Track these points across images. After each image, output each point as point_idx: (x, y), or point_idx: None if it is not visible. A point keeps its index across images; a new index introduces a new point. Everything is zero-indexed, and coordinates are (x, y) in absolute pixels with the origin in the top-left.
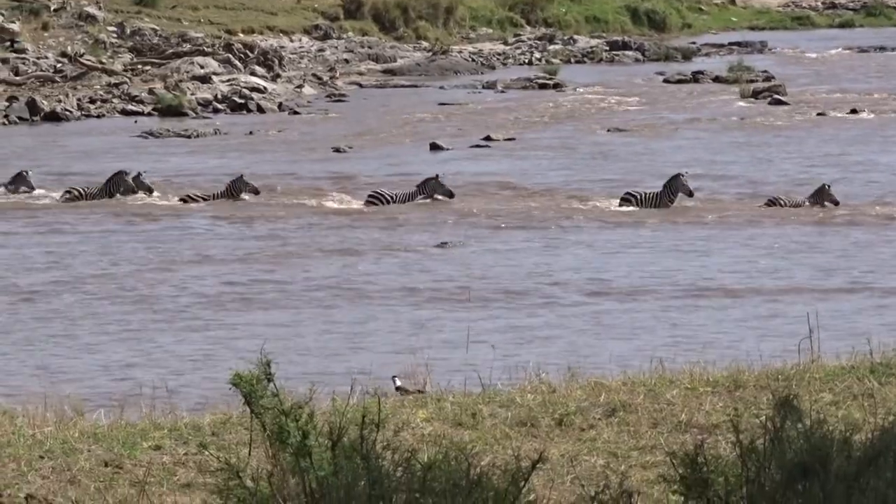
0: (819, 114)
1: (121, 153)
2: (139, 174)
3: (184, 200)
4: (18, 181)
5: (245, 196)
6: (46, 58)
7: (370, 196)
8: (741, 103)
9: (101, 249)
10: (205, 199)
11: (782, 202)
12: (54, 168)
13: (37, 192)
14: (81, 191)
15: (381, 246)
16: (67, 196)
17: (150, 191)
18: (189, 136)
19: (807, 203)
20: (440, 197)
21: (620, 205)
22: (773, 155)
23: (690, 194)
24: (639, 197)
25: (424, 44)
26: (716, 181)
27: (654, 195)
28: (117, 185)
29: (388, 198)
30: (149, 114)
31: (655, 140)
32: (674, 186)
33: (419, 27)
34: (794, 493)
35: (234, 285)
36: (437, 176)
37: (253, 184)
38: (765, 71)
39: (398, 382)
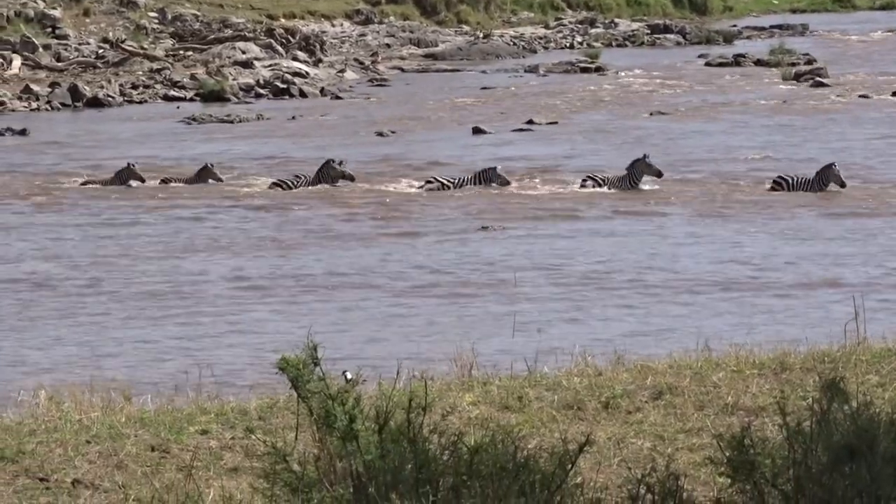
0: (861, 96)
1: (174, 138)
2: (341, 162)
3: (429, 183)
4: (204, 175)
5: (494, 185)
6: (88, 44)
7: (585, 179)
8: (783, 86)
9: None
10: (452, 185)
11: None
12: (109, 154)
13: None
14: (290, 182)
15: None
16: (276, 186)
17: (352, 179)
18: (232, 122)
19: None
20: (647, 179)
21: (771, 189)
22: (833, 138)
23: (843, 185)
24: (790, 181)
25: (466, 28)
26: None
27: (805, 181)
28: (327, 173)
29: (602, 180)
30: (191, 99)
31: (703, 123)
32: (826, 175)
33: (461, 11)
34: (840, 475)
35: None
36: (644, 156)
37: (505, 175)
38: (806, 54)
39: (349, 375)
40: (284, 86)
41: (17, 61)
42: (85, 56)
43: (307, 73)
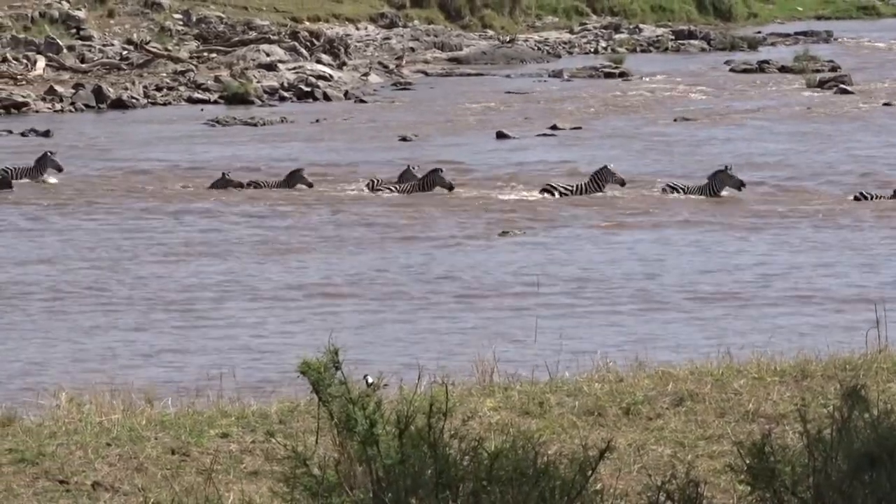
0: (885, 103)
1: (200, 140)
2: (441, 170)
3: (546, 191)
4: (293, 179)
5: (609, 184)
6: (112, 45)
7: (665, 187)
8: (807, 93)
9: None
10: (568, 192)
11: None
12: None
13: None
14: (395, 186)
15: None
16: (382, 191)
17: (451, 188)
18: (255, 125)
19: None
20: (729, 189)
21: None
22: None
23: None
24: (871, 196)
25: (490, 32)
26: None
27: (884, 196)
28: (433, 181)
29: (681, 189)
30: (215, 102)
31: (728, 129)
32: None
33: (485, 15)
34: (860, 483)
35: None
36: (726, 167)
37: (620, 175)
38: (830, 61)
39: (370, 380)
40: (308, 89)
41: (41, 62)
42: (109, 57)
43: (331, 76)
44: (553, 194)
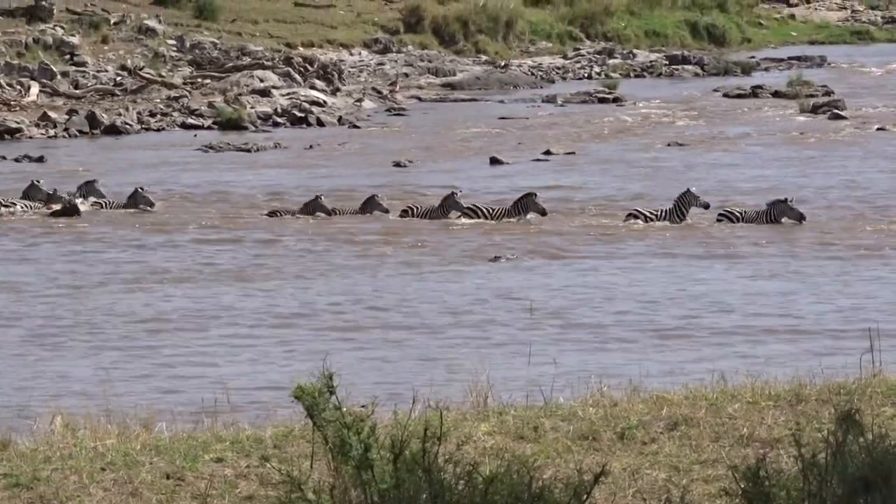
0: (879, 129)
1: (194, 166)
2: (535, 195)
3: (633, 216)
4: (369, 205)
5: (694, 207)
6: (106, 71)
7: (720, 214)
8: (801, 118)
9: None
10: (655, 217)
11: None
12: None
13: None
14: (487, 210)
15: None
16: (468, 215)
17: (544, 213)
18: (249, 150)
19: None
20: (789, 220)
21: None
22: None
23: None
24: None
25: (484, 57)
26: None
27: None
28: (526, 206)
29: (738, 215)
30: (208, 127)
31: (721, 154)
32: None
33: (479, 41)
34: None
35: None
36: (786, 199)
37: (704, 199)
38: (824, 86)
39: None
40: (302, 114)
41: (34, 88)
42: (103, 83)
43: (325, 101)
44: (640, 220)
